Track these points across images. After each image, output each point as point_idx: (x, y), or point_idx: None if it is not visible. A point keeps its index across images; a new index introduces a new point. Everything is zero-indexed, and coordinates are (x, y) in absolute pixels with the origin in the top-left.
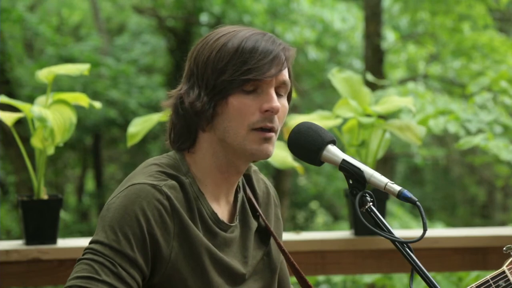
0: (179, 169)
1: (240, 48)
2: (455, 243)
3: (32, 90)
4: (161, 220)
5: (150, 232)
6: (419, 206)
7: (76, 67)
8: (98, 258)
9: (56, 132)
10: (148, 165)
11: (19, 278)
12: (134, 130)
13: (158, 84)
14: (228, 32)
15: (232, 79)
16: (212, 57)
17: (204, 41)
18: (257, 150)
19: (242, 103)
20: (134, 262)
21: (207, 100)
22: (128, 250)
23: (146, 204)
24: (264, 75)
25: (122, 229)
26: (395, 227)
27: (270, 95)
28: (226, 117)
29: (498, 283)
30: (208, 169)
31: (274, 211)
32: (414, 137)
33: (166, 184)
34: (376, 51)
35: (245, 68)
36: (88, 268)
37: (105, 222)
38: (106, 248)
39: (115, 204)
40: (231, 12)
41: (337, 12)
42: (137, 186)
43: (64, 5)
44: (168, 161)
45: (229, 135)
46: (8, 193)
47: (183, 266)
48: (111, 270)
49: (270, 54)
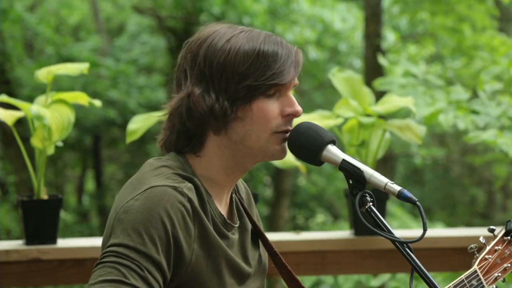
0: (186, 171)
1: (262, 52)
2: (455, 243)
3: (32, 90)
4: (184, 222)
5: (174, 235)
6: (419, 206)
7: (75, 67)
8: (124, 261)
9: (53, 130)
10: (158, 167)
11: (19, 278)
12: (134, 127)
13: (158, 84)
14: (238, 33)
15: (258, 84)
16: (230, 60)
17: (209, 40)
18: (279, 151)
19: (265, 108)
20: (159, 265)
21: (229, 105)
22: (154, 253)
23: (170, 206)
24: (287, 79)
25: (148, 232)
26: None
27: (291, 98)
28: (248, 121)
29: (471, 283)
30: (214, 171)
31: (255, 211)
32: (414, 136)
33: (186, 186)
34: (376, 51)
35: (270, 73)
36: (114, 271)
37: (127, 225)
38: (131, 251)
39: (136, 207)
40: (231, 12)
41: (337, 12)
42: (159, 188)
43: (64, 5)
44: (174, 162)
45: (251, 138)
46: (8, 193)
47: (202, 269)
48: (138, 274)
49: (290, 57)
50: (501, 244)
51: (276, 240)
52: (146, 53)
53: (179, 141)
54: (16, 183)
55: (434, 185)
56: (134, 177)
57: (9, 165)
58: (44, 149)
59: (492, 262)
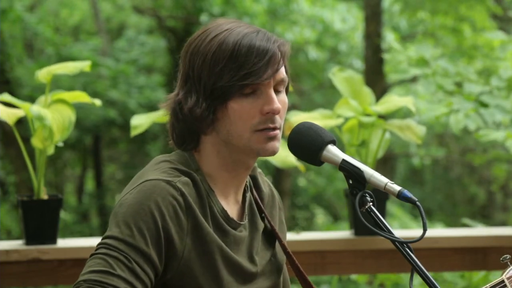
0: (189, 166)
1: (235, 51)
2: (455, 243)
3: (32, 90)
4: (175, 216)
5: (164, 227)
6: (419, 206)
7: (75, 65)
8: (113, 253)
9: (55, 130)
10: (159, 162)
11: (19, 278)
12: (138, 122)
13: (158, 84)
14: (222, 32)
15: (230, 85)
16: (208, 61)
17: (197, 39)
18: (263, 149)
19: (242, 107)
20: (148, 257)
21: (206, 106)
22: (143, 245)
23: (161, 199)
24: (262, 78)
25: (137, 224)
26: (395, 227)
27: (270, 96)
28: (227, 121)
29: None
30: (214, 168)
31: (278, 214)
32: (414, 136)
33: (180, 180)
34: (376, 51)
35: (242, 73)
36: (102, 262)
37: (119, 218)
38: (120, 243)
39: (129, 200)
40: (231, 12)
41: (337, 12)
42: (152, 182)
43: (64, 5)
44: (178, 158)
45: (233, 137)
46: (8, 193)
47: (195, 263)
48: (126, 265)
49: (266, 54)
50: None
51: None
52: (146, 53)
53: (179, 141)
54: (16, 183)
55: (434, 185)
56: (138, 173)
57: (9, 165)
58: (44, 149)
59: None
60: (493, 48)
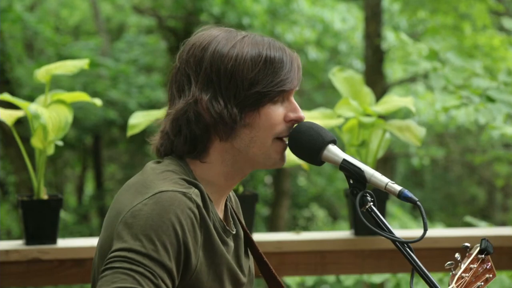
0: (189, 176)
1: (269, 58)
2: (455, 243)
3: (32, 90)
4: (193, 229)
5: (184, 241)
6: (420, 206)
7: (74, 64)
8: (138, 268)
9: (49, 129)
10: (162, 171)
11: (19, 278)
12: (135, 121)
13: (158, 83)
14: (239, 39)
15: (267, 91)
16: (239, 66)
17: (212, 46)
18: (280, 159)
19: (272, 114)
20: (171, 272)
21: (238, 111)
22: (167, 260)
23: (180, 212)
24: (294, 85)
25: (160, 238)
26: (395, 227)
27: (294, 104)
28: (255, 127)
29: None
30: (215, 176)
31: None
32: (413, 137)
33: (194, 192)
34: (376, 51)
35: (278, 79)
36: (129, 278)
37: (137, 230)
38: (145, 257)
39: (145, 212)
40: (231, 12)
41: (337, 13)
42: (168, 193)
43: (64, 5)
44: (178, 168)
45: (255, 145)
46: (8, 193)
47: (204, 276)
48: (152, 282)
49: (293, 63)
50: (475, 262)
51: (276, 240)
52: (146, 53)
53: (185, 147)
54: (16, 183)
55: (434, 185)
56: (136, 180)
57: (9, 165)
58: (44, 149)
59: (468, 281)
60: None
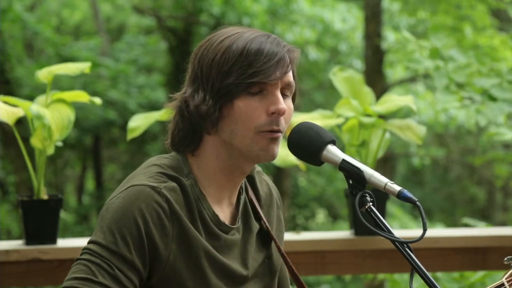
0: (180, 170)
1: (245, 51)
2: (455, 243)
3: (32, 90)
4: (159, 222)
5: (148, 234)
6: (419, 206)
7: (76, 66)
8: (95, 260)
9: (54, 129)
10: (149, 165)
11: (19, 278)
12: (135, 125)
13: (158, 83)
14: (232, 34)
15: (238, 82)
16: (217, 60)
17: (207, 43)
18: (264, 152)
19: (248, 106)
20: (131, 264)
21: (213, 103)
22: (126, 252)
23: (144, 206)
24: (270, 78)
25: (120, 231)
26: (394, 227)
27: (276, 97)
28: (232, 119)
29: None
30: (212, 171)
31: (276, 213)
32: (414, 136)
33: (166, 186)
34: (376, 51)
35: (250, 71)
36: (85, 269)
37: (104, 223)
38: (103, 249)
39: (114, 205)
40: (231, 13)
41: (337, 13)
42: (137, 187)
43: (64, 5)
44: (170, 162)
45: (236, 137)
46: (8, 193)
47: (181, 268)
48: (108, 272)
49: (275, 56)
50: None
51: None
52: (146, 53)
53: (181, 141)
54: (16, 183)
55: (434, 185)
56: (129, 175)
57: (9, 165)
58: (44, 149)
59: None
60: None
